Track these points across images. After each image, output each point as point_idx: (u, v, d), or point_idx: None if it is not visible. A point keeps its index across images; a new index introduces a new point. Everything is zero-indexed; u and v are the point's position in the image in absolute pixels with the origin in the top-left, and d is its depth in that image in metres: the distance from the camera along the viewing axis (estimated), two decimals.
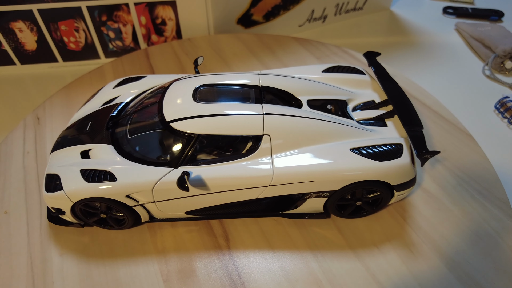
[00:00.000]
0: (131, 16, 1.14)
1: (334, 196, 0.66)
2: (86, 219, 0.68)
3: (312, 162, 0.64)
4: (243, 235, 0.70)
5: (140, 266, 0.66)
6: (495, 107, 1.02)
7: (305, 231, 0.70)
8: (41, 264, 0.67)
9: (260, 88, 0.71)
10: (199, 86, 0.70)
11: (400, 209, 0.73)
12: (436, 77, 1.14)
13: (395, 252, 0.67)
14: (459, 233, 0.69)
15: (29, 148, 0.86)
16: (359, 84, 0.80)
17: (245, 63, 1.10)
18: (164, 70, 1.08)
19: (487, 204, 0.73)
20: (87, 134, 0.72)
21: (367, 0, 1.39)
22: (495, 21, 1.37)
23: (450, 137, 0.86)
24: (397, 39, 1.32)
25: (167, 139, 0.66)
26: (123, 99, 0.80)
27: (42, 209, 0.75)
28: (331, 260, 0.66)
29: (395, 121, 0.72)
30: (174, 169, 0.64)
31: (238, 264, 0.66)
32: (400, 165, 0.64)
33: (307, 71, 0.81)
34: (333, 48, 1.14)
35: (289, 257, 0.67)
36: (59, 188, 0.64)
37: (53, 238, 0.70)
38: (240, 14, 1.23)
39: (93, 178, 0.64)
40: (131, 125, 0.70)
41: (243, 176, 0.63)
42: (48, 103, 0.99)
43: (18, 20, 1.10)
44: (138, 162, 0.65)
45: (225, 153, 0.65)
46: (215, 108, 0.65)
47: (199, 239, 0.70)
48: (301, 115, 0.67)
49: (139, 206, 0.66)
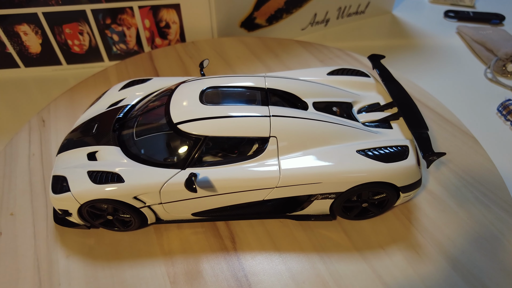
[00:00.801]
0: (135, 19, 1.15)
1: (341, 197, 0.66)
2: (93, 220, 0.68)
3: (319, 163, 0.64)
4: (249, 236, 0.70)
5: (147, 268, 0.66)
6: (497, 110, 1.02)
7: (311, 233, 0.70)
8: (47, 266, 0.66)
9: (266, 90, 0.72)
10: (206, 89, 0.70)
11: (405, 210, 0.73)
12: (438, 80, 1.15)
13: (401, 254, 0.67)
14: (464, 234, 0.69)
15: (34, 150, 0.87)
16: (364, 86, 0.80)
17: (248, 66, 1.10)
18: (168, 73, 1.09)
19: (492, 206, 0.73)
20: (93, 136, 0.73)
21: (369, 4, 1.40)
22: (496, 24, 1.38)
23: (454, 139, 0.86)
24: (399, 42, 1.33)
25: (174, 141, 0.66)
26: (129, 101, 0.80)
27: (48, 211, 0.75)
28: (338, 262, 0.66)
29: (400, 123, 0.72)
30: (182, 171, 0.64)
31: (245, 265, 0.66)
32: (406, 166, 0.64)
33: (312, 74, 0.82)
34: (336, 51, 1.15)
35: (295, 258, 0.67)
36: (66, 190, 0.65)
37: (59, 240, 0.70)
38: (243, 17, 1.24)
39: (100, 180, 0.64)
40: (137, 127, 0.71)
41: (250, 178, 0.64)
42: (53, 105, 0.99)
43: (23, 23, 1.10)
44: (145, 163, 0.65)
45: (232, 155, 0.66)
46: (222, 110, 0.66)
47: (205, 240, 0.70)
48: (308, 117, 0.67)
49: (146, 208, 0.66)
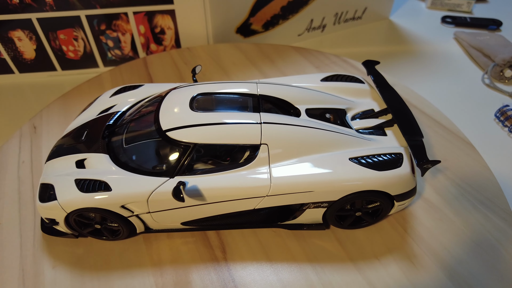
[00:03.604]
0: (130, 25, 1.14)
1: (333, 206, 0.65)
2: (81, 229, 0.67)
3: (311, 172, 0.63)
4: (241, 246, 0.68)
5: (136, 279, 0.64)
6: (495, 116, 1.01)
7: (304, 243, 0.68)
8: (33, 277, 0.65)
9: (258, 97, 0.71)
10: (196, 95, 0.69)
11: (401, 219, 0.72)
12: (435, 86, 1.14)
13: (396, 264, 0.65)
14: (461, 243, 0.67)
15: (24, 158, 0.85)
16: (358, 93, 0.79)
17: (244, 73, 1.09)
18: (162, 79, 1.08)
19: (489, 214, 0.71)
20: (83, 143, 0.71)
21: (366, 10, 1.40)
22: (493, 30, 1.37)
23: (451, 146, 0.85)
24: (396, 48, 1.32)
25: (163, 148, 0.65)
26: (120, 108, 0.79)
27: (36, 220, 0.73)
28: (331, 273, 0.64)
29: (394, 130, 0.71)
30: (170, 179, 0.62)
31: (235, 276, 0.64)
32: (400, 175, 0.63)
33: (305, 80, 0.81)
34: (332, 57, 1.14)
35: (287, 269, 0.65)
36: (53, 198, 0.63)
37: (46, 249, 0.69)
38: (239, 23, 1.23)
39: (87, 188, 0.62)
40: (127, 134, 0.69)
41: (240, 186, 0.62)
42: (45, 111, 0.98)
43: (17, 29, 1.10)
44: (133, 171, 0.64)
45: (222, 163, 0.64)
46: (212, 117, 0.65)
47: (195, 250, 0.68)
48: (299, 124, 0.66)
49: (134, 217, 0.65)
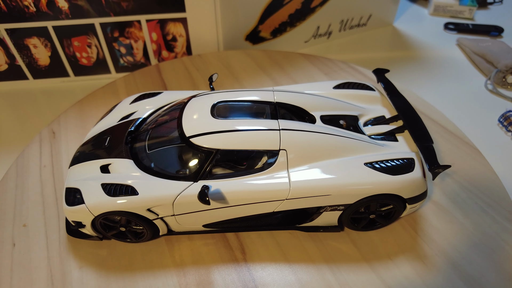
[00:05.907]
0: (143, 32, 1.17)
1: (349, 209, 0.68)
2: (105, 232, 0.70)
3: (328, 176, 0.66)
4: (259, 248, 0.71)
5: (159, 279, 0.67)
6: (498, 121, 1.04)
7: (321, 244, 0.71)
8: (61, 277, 0.67)
9: (275, 104, 0.74)
10: (217, 103, 0.72)
11: (412, 221, 0.75)
12: (439, 91, 1.17)
13: (409, 265, 0.68)
14: (471, 245, 0.70)
15: (45, 162, 0.88)
16: (369, 100, 0.82)
17: (255, 79, 1.12)
18: (176, 85, 1.11)
19: (497, 216, 0.74)
20: (105, 149, 0.74)
21: (370, 17, 1.44)
22: (495, 36, 1.41)
23: (458, 151, 0.88)
24: (400, 54, 1.35)
25: (187, 153, 0.67)
26: (140, 114, 0.82)
27: (60, 222, 0.76)
28: (347, 273, 0.67)
29: (405, 135, 0.74)
30: (194, 183, 0.65)
31: (255, 276, 0.67)
32: (412, 179, 0.66)
33: (318, 88, 0.84)
34: (340, 64, 1.17)
35: (305, 269, 0.68)
36: (80, 202, 0.66)
37: (72, 251, 0.71)
38: (248, 31, 1.26)
39: (114, 192, 0.65)
40: (149, 140, 0.72)
41: (261, 190, 0.65)
42: (63, 117, 1.00)
43: (33, 37, 1.12)
44: (157, 176, 0.67)
45: (241, 167, 0.67)
46: (232, 123, 0.68)
47: (216, 252, 0.71)
48: (316, 130, 0.69)
49: (158, 220, 0.67)
